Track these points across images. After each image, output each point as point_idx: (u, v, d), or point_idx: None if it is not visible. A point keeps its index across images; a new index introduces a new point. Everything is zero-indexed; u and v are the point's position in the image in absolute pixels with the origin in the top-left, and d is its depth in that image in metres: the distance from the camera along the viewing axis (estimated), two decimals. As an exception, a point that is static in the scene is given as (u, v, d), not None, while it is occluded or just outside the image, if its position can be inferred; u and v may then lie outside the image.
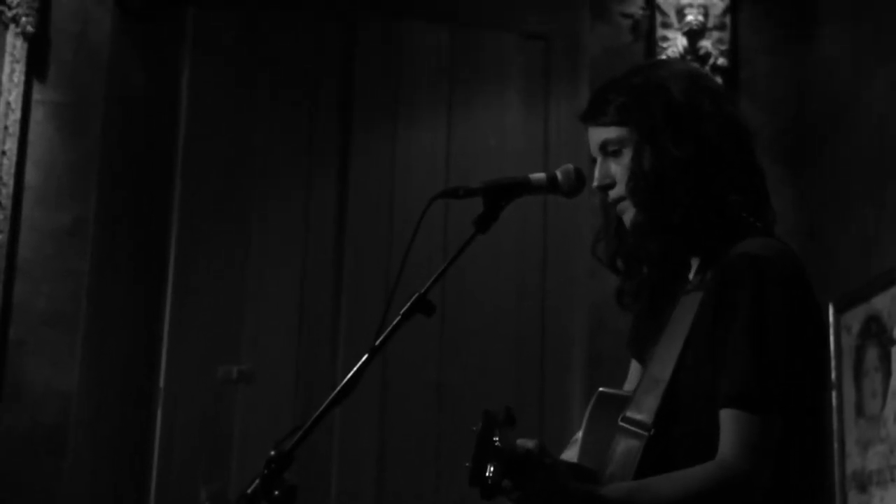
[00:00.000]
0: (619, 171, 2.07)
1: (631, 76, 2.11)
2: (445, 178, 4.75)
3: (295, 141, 4.82)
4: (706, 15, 4.61)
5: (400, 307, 1.96)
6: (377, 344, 1.95)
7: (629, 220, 2.07)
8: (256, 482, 1.83)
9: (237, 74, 4.85)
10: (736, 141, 2.05)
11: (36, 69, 4.31)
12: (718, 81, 2.09)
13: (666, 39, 4.61)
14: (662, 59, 4.37)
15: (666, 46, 4.60)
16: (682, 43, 4.60)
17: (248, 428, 4.53)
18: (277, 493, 1.83)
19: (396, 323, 1.96)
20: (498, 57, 4.97)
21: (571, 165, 2.13)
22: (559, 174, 2.11)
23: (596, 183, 2.11)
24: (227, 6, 4.91)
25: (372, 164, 4.83)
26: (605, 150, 2.09)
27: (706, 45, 4.61)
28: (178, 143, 4.75)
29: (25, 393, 4.12)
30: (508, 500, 1.80)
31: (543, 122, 4.91)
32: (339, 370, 4.58)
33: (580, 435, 2.08)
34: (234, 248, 4.71)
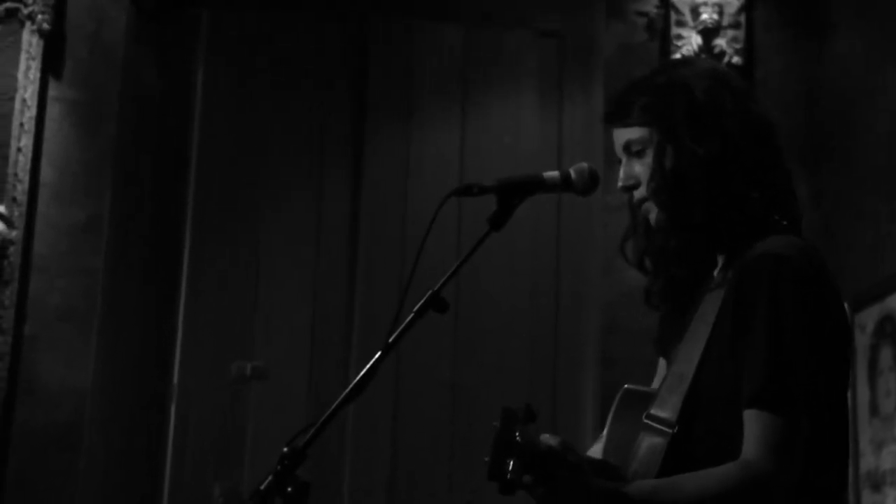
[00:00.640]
0: (643, 171, 2.07)
1: (654, 76, 2.12)
2: (459, 176, 4.75)
3: (308, 140, 4.83)
4: (721, 13, 4.60)
5: (413, 305, 1.96)
6: (390, 341, 1.95)
7: (653, 219, 2.07)
8: (269, 479, 1.84)
9: (251, 74, 4.86)
10: (758, 138, 2.04)
11: (51, 66, 4.33)
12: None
13: (681, 38, 4.60)
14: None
15: (680, 45, 4.59)
16: (696, 41, 4.59)
17: (261, 425, 4.54)
18: (290, 489, 1.83)
19: (410, 320, 1.96)
20: (512, 56, 4.96)
21: (586, 164, 2.13)
22: (573, 172, 2.11)
23: (620, 184, 2.11)
24: (240, 7, 4.92)
25: (385, 163, 4.84)
26: (629, 150, 2.09)
27: (721, 43, 4.59)
28: (191, 141, 4.77)
29: (39, 389, 4.14)
30: (531, 496, 1.80)
31: (557, 120, 4.91)
32: (352, 367, 4.58)
33: (605, 433, 2.08)
34: (247, 246, 4.72)
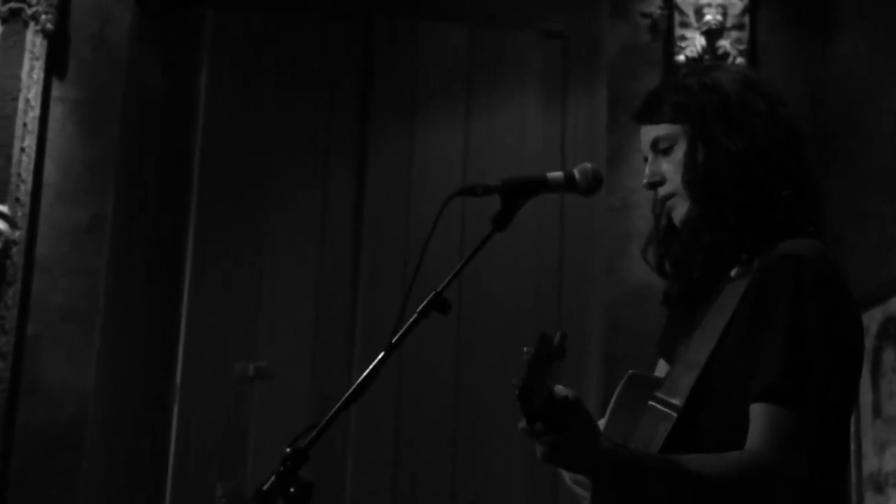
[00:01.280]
0: (669, 168, 2.09)
1: (685, 77, 2.14)
2: (463, 177, 4.75)
3: (313, 140, 4.83)
4: (725, 14, 4.59)
5: (417, 305, 1.97)
6: (393, 342, 1.96)
7: (679, 216, 2.08)
8: (272, 479, 1.84)
9: (255, 74, 4.86)
10: (787, 142, 2.06)
11: (55, 67, 4.33)
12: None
13: (684, 39, 4.60)
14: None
15: (684, 46, 4.58)
16: (700, 42, 4.58)
17: (264, 425, 4.54)
18: (293, 490, 1.83)
19: (413, 321, 1.96)
20: (516, 56, 4.96)
21: (589, 164, 2.13)
22: (577, 173, 2.11)
23: (646, 180, 2.13)
24: (245, 7, 4.92)
25: (389, 163, 4.83)
26: (656, 147, 2.11)
27: (724, 44, 4.59)
28: (195, 142, 4.77)
29: (42, 389, 4.14)
30: (538, 442, 1.77)
31: (561, 121, 4.90)
32: (355, 368, 4.58)
33: (607, 413, 2.07)
34: (250, 246, 4.72)
